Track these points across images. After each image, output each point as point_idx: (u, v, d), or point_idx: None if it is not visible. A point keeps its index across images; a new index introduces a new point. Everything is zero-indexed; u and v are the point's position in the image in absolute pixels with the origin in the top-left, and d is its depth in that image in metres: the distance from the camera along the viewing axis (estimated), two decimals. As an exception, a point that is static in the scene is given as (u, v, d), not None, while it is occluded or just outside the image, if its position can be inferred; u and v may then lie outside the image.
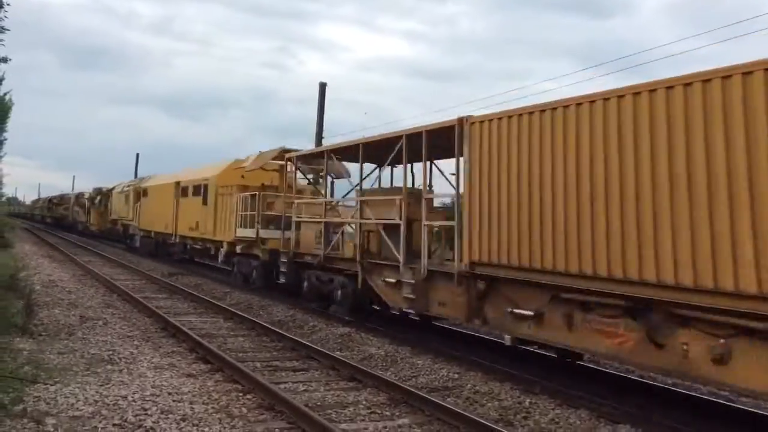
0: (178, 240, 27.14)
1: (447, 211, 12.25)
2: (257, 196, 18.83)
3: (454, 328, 13.66)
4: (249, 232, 19.13)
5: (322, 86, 27.92)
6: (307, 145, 25.88)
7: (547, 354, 10.53)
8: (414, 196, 12.34)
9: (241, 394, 8.13)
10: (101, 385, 8.08)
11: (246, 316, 14.05)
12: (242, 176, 21.18)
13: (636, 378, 9.95)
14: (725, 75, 6.75)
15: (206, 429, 6.65)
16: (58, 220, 64.56)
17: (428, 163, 11.88)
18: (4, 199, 27.98)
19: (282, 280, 16.99)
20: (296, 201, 16.77)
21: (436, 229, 12.62)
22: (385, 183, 16.10)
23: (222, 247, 21.89)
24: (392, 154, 12.75)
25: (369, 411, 7.76)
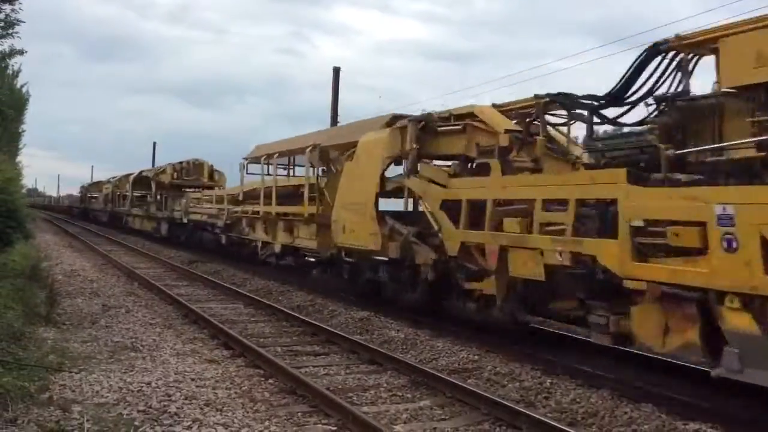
0: None
1: None
2: None
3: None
4: None
5: (336, 71, 27.90)
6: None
7: (567, 334, 10.49)
8: None
9: (263, 379, 8.21)
10: (125, 373, 8.18)
11: (266, 301, 14.14)
12: None
13: (657, 357, 9.87)
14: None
15: (230, 413, 6.72)
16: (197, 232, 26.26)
17: None
18: (24, 190, 28.16)
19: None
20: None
21: None
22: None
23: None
24: None
25: (390, 393, 7.80)
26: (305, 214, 15.71)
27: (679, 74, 7.83)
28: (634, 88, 8.23)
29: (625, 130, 8.66)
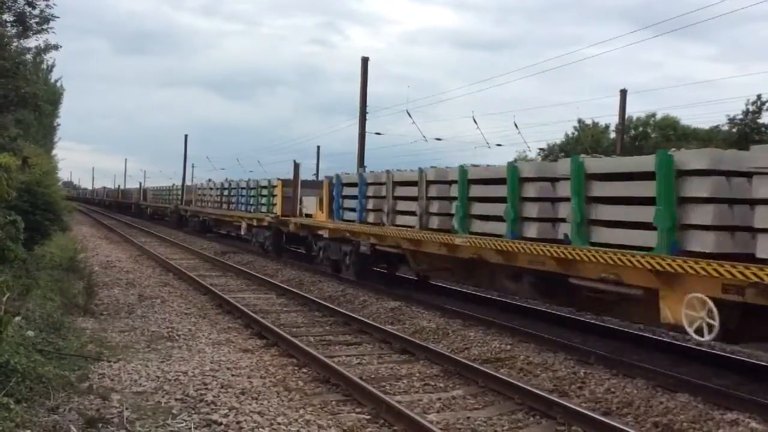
0: None
1: None
2: None
3: (509, 301, 13.60)
4: None
5: (364, 61, 27.84)
6: (350, 121, 25.62)
7: (602, 324, 10.42)
8: None
9: (296, 368, 8.29)
10: (162, 362, 8.32)
11: (298, 292, 14.25)
12: None
13: (693, 346, 9.77)
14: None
15: (265, 402, 6.80)
16: None
17: None
18: (60, 183, 28.46)
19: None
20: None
21: None
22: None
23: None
24: None
25: (423, 383, 7.82)
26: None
27: None
28: None
29: None
